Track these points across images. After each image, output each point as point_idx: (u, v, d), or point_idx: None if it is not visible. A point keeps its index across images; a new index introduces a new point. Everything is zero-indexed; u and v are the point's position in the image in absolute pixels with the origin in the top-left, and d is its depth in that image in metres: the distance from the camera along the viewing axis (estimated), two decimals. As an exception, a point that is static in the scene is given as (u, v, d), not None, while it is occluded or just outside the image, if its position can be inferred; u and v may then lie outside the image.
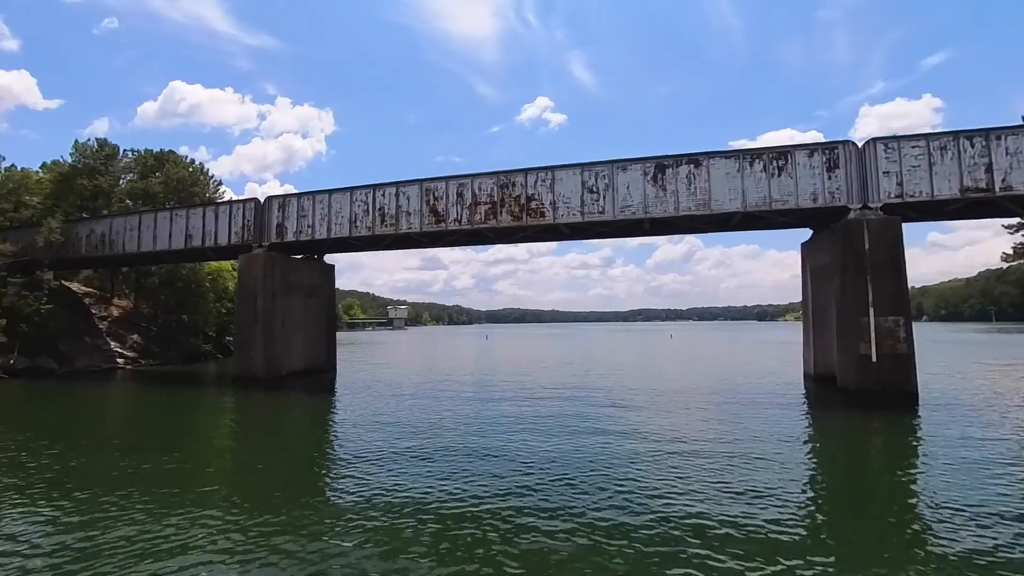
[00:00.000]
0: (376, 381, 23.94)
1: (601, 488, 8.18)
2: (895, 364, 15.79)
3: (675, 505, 7.45)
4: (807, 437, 12.39)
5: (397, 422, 14.08)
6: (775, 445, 11.11)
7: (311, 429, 14.57)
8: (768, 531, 6.49)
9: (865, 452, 11.42)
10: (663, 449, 10.68)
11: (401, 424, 13.92)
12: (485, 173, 20.36)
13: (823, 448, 11.47)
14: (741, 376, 23.78)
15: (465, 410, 15.77)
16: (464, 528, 6.71)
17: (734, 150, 17.90)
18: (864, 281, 16.14)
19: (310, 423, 15.42)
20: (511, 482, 8.61)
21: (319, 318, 26.27)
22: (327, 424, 14.99)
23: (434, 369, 30.75)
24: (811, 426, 13.69)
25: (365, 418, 14.94)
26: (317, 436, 13.58)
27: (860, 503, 7.75)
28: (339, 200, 22.42)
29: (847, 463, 10.32)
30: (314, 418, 16.21)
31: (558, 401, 17.19)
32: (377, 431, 12.94)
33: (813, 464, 10.10)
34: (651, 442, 11.35)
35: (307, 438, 13.43)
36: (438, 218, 20.73)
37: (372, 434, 12.58)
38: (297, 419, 16.05)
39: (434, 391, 20.18)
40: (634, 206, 18.62)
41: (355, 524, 6.91)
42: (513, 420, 14.02)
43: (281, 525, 6.83)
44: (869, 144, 16.98)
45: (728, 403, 16.47)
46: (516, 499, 7.77)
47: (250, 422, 15.91)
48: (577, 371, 27.76)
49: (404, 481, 8.76)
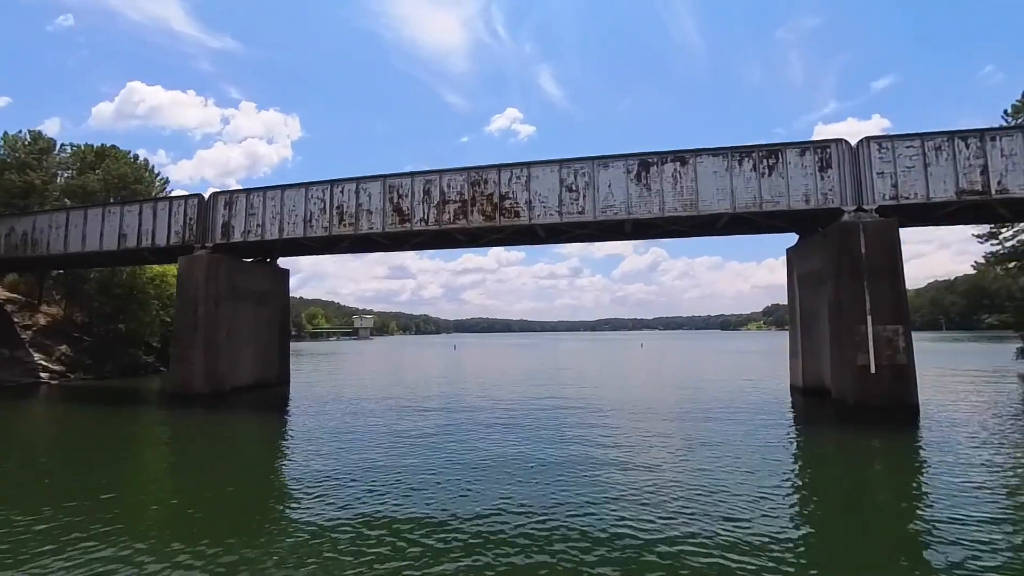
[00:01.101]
0: (335, 396, 21.80)
1: (581, 531, 6.56)
2: (895, 375, 14.77)
3: (661, 541, 5.93)
4: (803, 460, 11.15)
5: (355, 444, 12.17)
6: (769, 469, 9.81)
7: (255, 453, 12.51)
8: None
9: (869, 477, 10.07)
10: (646, 479, 9.13)
11: (359, 446, 12.03)
12: (454, 169, 18.69)
13: (822, 474, 10.16)
14: (724, 389, 22.63)
15: (430, 432, 13.93)
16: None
17: (723, 147, 16.77)
18: (861, 287, 15.13)
19: (254, 446, 13.32)
20: (487, 527, 6.90)
21: (271, 327, 23.95)
22: (274, 447, 12.94)
23: (399, 382, 28.67)
24: (806, 447, 12.43)
25: (318, 439, 12.98)
26: (261, 461, 11.54)
27: (870, 541, 6.36)
28: (292, 197, 20.33)
29: (850, 491, 8.86)
30: (259, 440, 14.11)
31: (534, 421, 15.53)
32: (331, 455, 11.02)
33: (812, 495, 8.66)
34: (632, 469, 9.80)
35: (250, 464, 11.38)
36: (403, 217, 18.89)
37: (325, 459, 10.66)
38: (240, 441, 13.89)
39: (398, 407, 18.24)
40: (616, 206, 17.25)
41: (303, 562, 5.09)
42: (488, 445, 12.29)
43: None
44: (863, 143, 16.09)
45: (714, 419, 15.12)
46: (491, 551, 6.06)
47: (182, 447, 13.68)
48: (550, 384, 26.18)
49: (360, 512, 6.98)
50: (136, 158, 37.57)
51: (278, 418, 17.29)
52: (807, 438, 13.40)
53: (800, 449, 12.18)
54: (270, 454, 12.40)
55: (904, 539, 6.69)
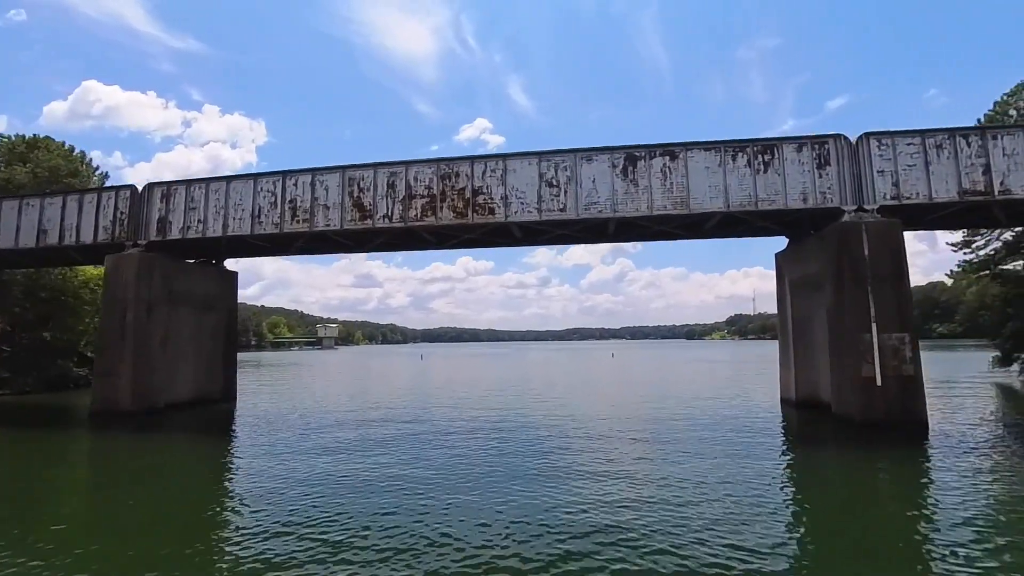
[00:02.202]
0: (286, 413, 19.52)
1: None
2: (903, 388, 13.65)
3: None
4: (810, 490, 9.74)
5: (307, 472, 10.16)
6: (771, 500, 8.40)
7: (177, 486, 10.32)
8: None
9: (890, 511, 8.61)
10: (632, 514, 7.51)
11: (312, 475, 10.05)
12: (422, 160, 16.91)
13: (832, 506, 8.66)
14: (708, 401, 21.34)
15: (388, 460, 12.00)
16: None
17: (715, 141, 15.53)
18: (865, 293, 14.01)
19: (179, 476, 11.10)
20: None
21: (215, 336, 21.52)
22: (202, 478, 10.79)
23: (359, 396, 26.44)
24: (811, 472, 11.07)
25: (259, 468, 10.93)
26: (183, 496, 9.39)
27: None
28: (239, 190, 18.14)
29: (867, 528, 7.40)
30: (186, 468, 11.90)
31: (510, 438, 13.76)
32: (272, 488, 8.99)
33: (824, 534, 7.15)
34: (615, 500, 8.17)
35: (168, 499, 9.22)
36: (364, 213, 16.95)
37: (263, 495, 8.62)
38: (163, 470, 11.62)
39: (356, 426, 16.19)
40: (600, 203, 15.77)
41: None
42: (460, 466, 10.45)
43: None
44: (862, 139, 15.09)
45: (702, 438, 13.61)
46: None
47: (91, 476, 11.37)
48: (523, 397, 24.46)
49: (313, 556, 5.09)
50: (72, 149, 34.35)
51: (216, 440, 15.04)
52: (809, 460, 12.06)
53: (804, 475, 10.82)
54: (196, 488, 10.26)
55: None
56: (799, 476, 10.66)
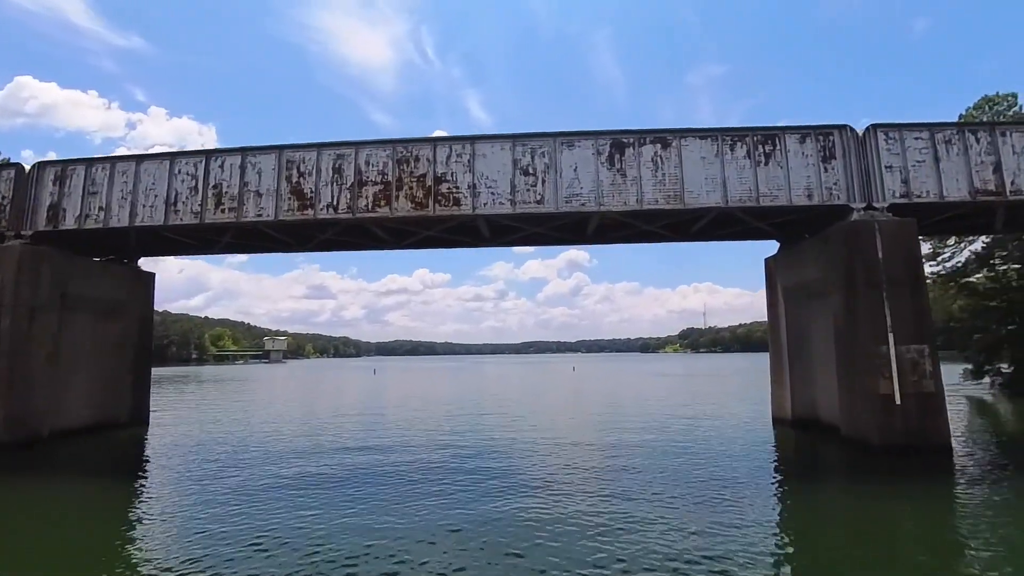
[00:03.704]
0: (213, 439, 16.36)
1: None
2: (923, 407, 12.09)
3: None
4: (828, 530, 7.80)
5: (223, 529, 7.42)
6: (778, 550, 6.37)
7: (53, 543, 7.35)
8: None
9: (932, 564, 6.83)
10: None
11: (236, 524, 7.33)
12: (376, 141, 14.43)
13: (859, 555, 6.80)
14: (691, 421, 19.48)
15: (326, 499, 9.36)
16: None
17: (712, 128, 13.81)
18: (880, 299, 12.45)
19: (57, 528, 8.09)
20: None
21: (122, 349, 18.10)
22: (85, 532, 7.83)
23: (303, 416, 23.29)
24: (825, 509, 9.17)
25: (165, 514, 8.08)
26: (60, 559, 6.50)
27: None
28: (152, 171, 15.10)
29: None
30: (67, 518, 8.85)
31: (480, 473, 11.33)
32: (175, 542, 6.25)
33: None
34: (590, 554, 5.99)
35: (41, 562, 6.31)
36: (304, 202, 14.27)
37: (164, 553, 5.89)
38: (36, 523, 8.56)
39: (295, 454, 13.36)
40: (584, 195, 13.72)
41: None
42: (422, 514, 7.97)
43: None
44: (870, 132, 13.70)
45: (692, 465, 11.66)
46: None
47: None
48: (489, 417, 22.01)
49: None
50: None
51: (112, 479, 11.91)
52: (823, 494, 10.18)
53: (820, 514, 8.89)
54: (76, 546, 7.34)
55: None
56: (814, 515, 8.72)
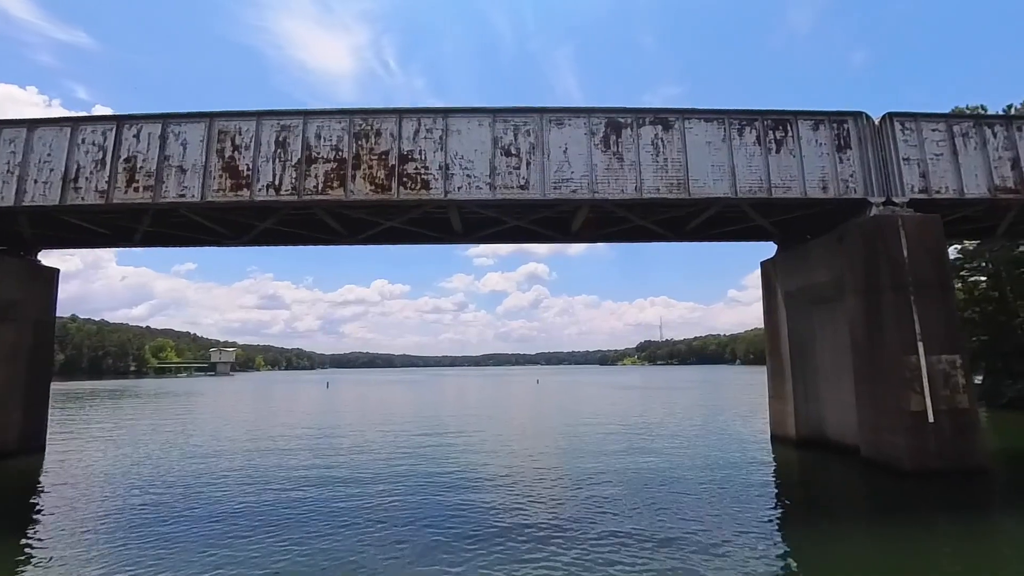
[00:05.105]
0: (120, 468, 13.40)
1: None
2: (957, 425, 10.68)
3: None
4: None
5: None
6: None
7: None
8: None
9: None
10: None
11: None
12: (328, 111, 12.14)
13: None
14: (677, 438, 17.75)
15: (267, 542, 6.95)
16: None
17: (718, 110, 12.24)
18: (907, 304, 11.03)
19: None
20: None
21: (12, 360, 14.89)
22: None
23: (237, 437, 20.29)
24: (853, 551, 7.46)
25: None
26: None
27: None
28: (47, 140, 12.26)
29: None
30: None
31: (445, 505, 9.11)
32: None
33: None
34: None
35: None
36: (238, 181, 11.78)
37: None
38: None
39: (226, 490, 10.74)
40: (575, 181, 11.83)
41: None
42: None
43: None
44: (886, 120, 12.45)
45: (692, 493, 9.88)
46: None
47: None
48: (458, 438, 19.70)
49: None
50: None
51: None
52: (854, 531, 8.46)
53: (859, 558, 7.15)
54: None
55: None
56: (847, 559, 6.96)
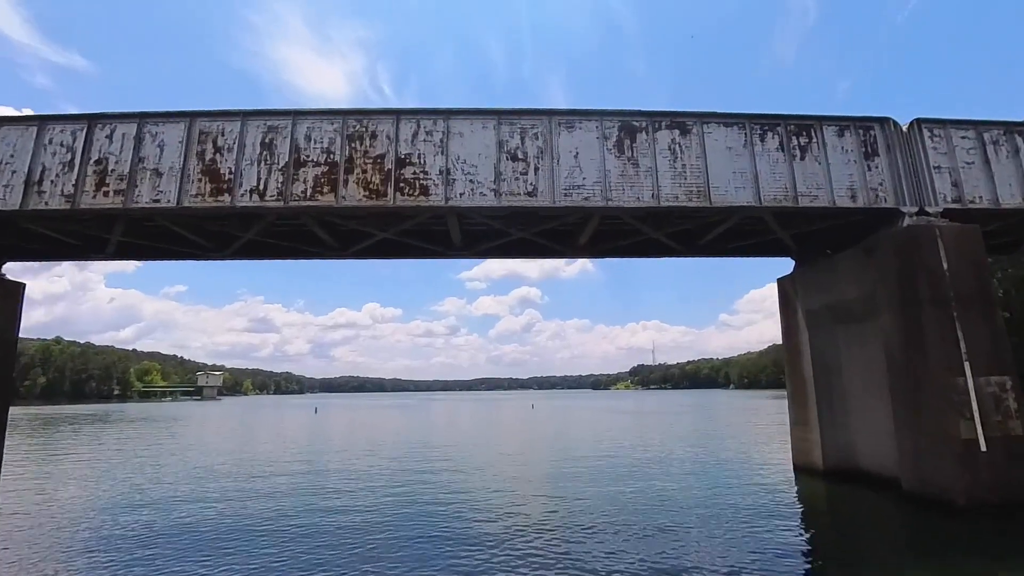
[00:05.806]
0: (85, 509, 12.03)
1: None
2: (1011, 454, 9.65)
3: None
4: None
5: None
6: None
7: None
8: None
9: None
10: None
11: None
12: (319, 111, 11.22)
13: None
14: (690, 465, 16.60)
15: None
16: None
17: (738, 114, 11.47)
18: (951, 320, 10.12)
19: None
20: None
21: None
22: None
23: (209, 471, 18.87)
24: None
25: None
26: None
27: None
28: (10, 139, 11.16)
29: None
30: None
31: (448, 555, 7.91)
32: None
33: None
34: None
35: None
36: (219, 185, 10.75)
37: None
38: None
39: (203, 532, 9.44)
40: (587, 187, 10.94)
41: None
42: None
43: None
44: (914, 127, 11.73)
45: (719, 534, 8.78)
46: None
47: None
48: (458, 474, 18.42)
49: None
50: None
51: None
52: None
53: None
54: None
55: None
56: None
